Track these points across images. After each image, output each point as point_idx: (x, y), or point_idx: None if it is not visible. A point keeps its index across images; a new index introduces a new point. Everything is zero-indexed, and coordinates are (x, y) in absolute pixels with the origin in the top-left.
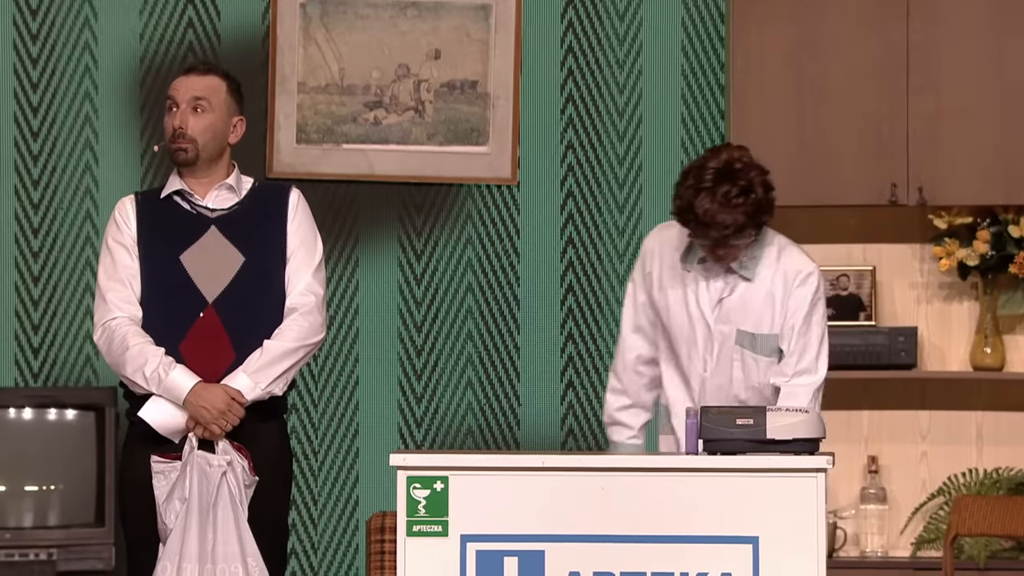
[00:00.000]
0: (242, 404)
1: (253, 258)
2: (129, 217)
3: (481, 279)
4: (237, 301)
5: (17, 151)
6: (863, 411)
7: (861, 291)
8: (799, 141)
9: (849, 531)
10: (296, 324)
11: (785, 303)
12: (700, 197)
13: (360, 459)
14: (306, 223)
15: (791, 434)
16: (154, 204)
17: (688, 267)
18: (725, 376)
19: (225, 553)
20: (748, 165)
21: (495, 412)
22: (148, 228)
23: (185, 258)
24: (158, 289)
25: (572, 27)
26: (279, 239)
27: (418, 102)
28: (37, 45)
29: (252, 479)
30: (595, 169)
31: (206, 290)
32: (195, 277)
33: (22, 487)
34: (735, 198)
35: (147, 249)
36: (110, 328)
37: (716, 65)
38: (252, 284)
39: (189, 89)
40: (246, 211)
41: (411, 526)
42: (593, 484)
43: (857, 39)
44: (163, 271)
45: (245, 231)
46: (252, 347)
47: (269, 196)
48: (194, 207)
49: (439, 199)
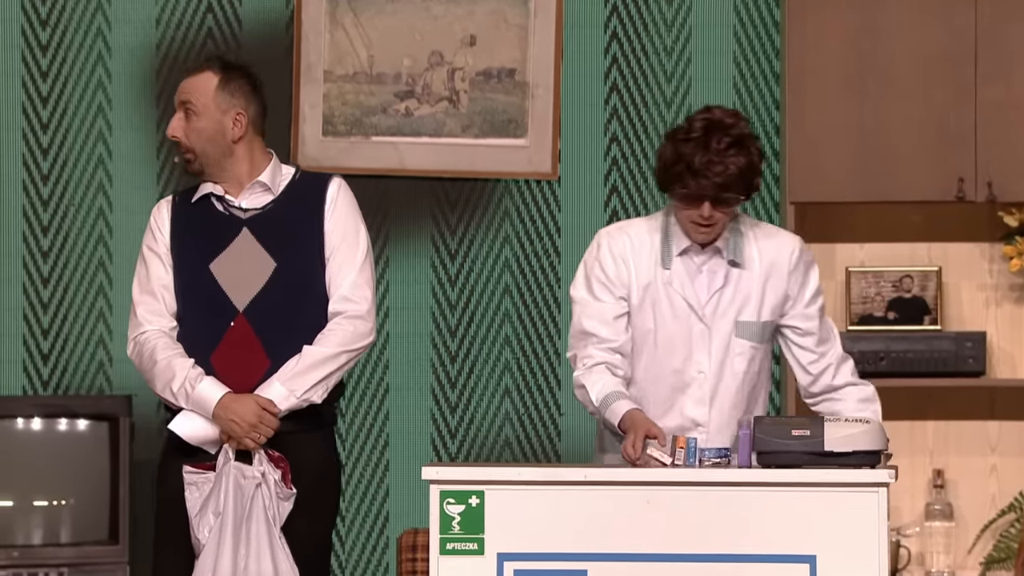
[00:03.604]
0: (275, 414)
1: (287, 261)
2: (163, 223)
3: (519, 280)
4: (270, 308)
5: (25, 144)
6: (928, 421)
7: (926, 293)
8: (859, 133)
9: (913, 550)
10: (340, 328)
11: (784, 288)
12: (689, 146)
13: (390, 472)
14: (348, 216)
15: (851, 446)
16: (188, 207)
17: (667, 265)
18: (726, 374)
19: (258, 571)
20: (738, 121)
21: (534, 422)
22: (181, 234)
23: (215, 266)
24: (190, 299)
25: (616, 11)
26: (316, 237)
27: (452, 92)
28: (47, 31)
29: (289, 492)
30: (640, 163)
31: (236, 298)
32: (225, 285)
33: (31, 502)
34: (727, 148)
35: (179, 258)
36: (139, 343)
37: (770, 52)
38: (286, 289)
39: (180, 92)
40: (281, 209)
41: (444, 544)
42: (638, 499)
43: (921, 24)
44: (194, 280)
45: (279, 232)
46: (288, 355)
47: (307, 190)
48: (227, 208)
49: (474, 195)
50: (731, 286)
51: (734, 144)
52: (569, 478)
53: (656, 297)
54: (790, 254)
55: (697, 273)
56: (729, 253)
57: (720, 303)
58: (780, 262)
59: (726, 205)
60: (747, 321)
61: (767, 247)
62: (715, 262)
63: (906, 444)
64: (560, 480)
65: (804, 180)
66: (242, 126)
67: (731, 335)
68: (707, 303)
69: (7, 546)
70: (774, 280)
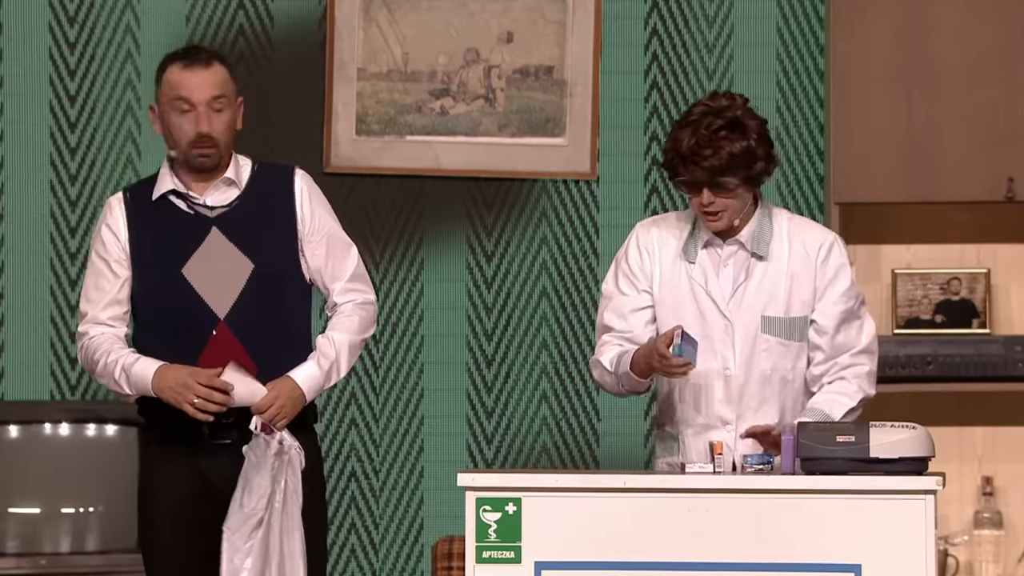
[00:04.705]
0: (219, 386)
1: (263, 260)
2: (118, 226)
3: (557, 283)
4: (252, 312)
5: (54, 144)
6: (976, 427)
7: (974, 296)
8: (906, 131)
9: (961, 559)
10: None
11: (812, 282)
12: (684, 132)
13: (425, 479)
14: (323, 206)
15: (897, 452)
16: (146, 205)
17: (692, 258)
18: (754, 371)
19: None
20: (742, 107)
21: (572, 428)
22: (142, 236)
23: (188, 271)
24: (161, 307)
25: (657, 7)
26: (289, 232)
27: (488, 90)
28: (75, 28)
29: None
30: None
31: (215, 305)
32: (202, 291)
33: (58, 509)
34: (719, 131)
35: (142, 263)
36: (86, 347)
37: (815, 47)
38: (265, 290)
39: (205, 88)
40: (249, 205)
41: (480, 552)
42: (679, 507)
43: (970, 19)
44: (164, 287)
45: (250, 229)
46: (274, 360)
47: (271, 183)
48: (191, 206)
49: (511, 195)
50: (754, 280)
51: (727, 127)
52: (608, 485)
53: (679, 290)
54: (819, 247)
55: (722, 267)
56: (752, 245)
57: (744, 297)
58: (809, 255)
59: (725, 191)
60: (774, 316)
61: (798, 241)
62: (740, 255)
63: (954, 450)
64: (599, 487)
65: (849, 180)
66: (240, 115)
67: (757, 331)
68: (731, 297)
69: (34, 554)
70: (803, 274)
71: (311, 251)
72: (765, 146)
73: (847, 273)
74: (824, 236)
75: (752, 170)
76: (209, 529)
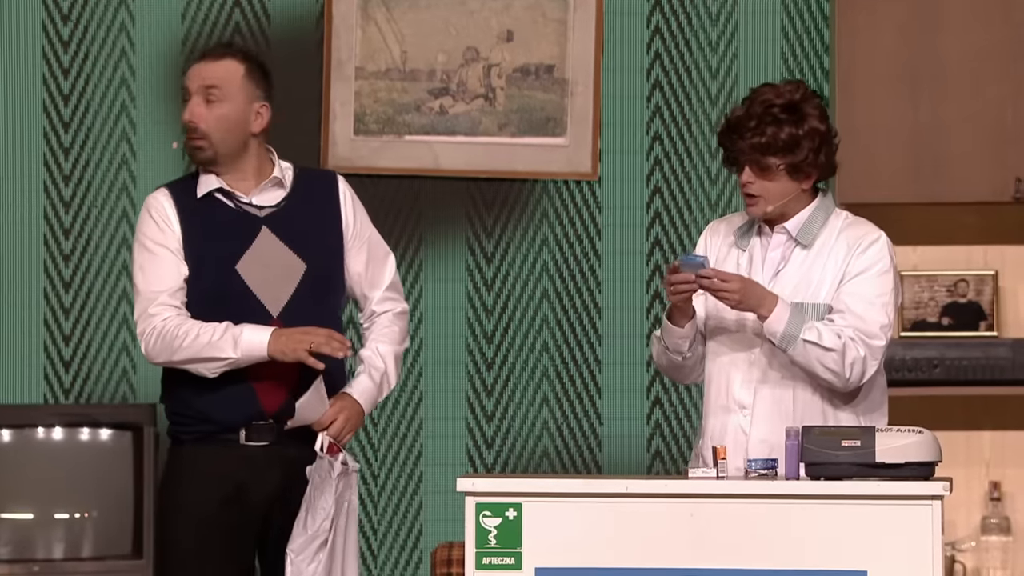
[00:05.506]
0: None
1: (313, 261)
2: (169, 217)
3: (558, 284)
4: (303, 312)
5: (47, 143)
6: (984, 432)
7: (981, 298)
8: (912, 131)
9: (968, 565)
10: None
11: (843, 270)
12: (739, 108)
13: (424, 484)
14: (364, 213)
15: (903, 457)
16: (192, 202)
17: (743, 246)
18: (779, 355)
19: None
20: (808, 99)
21: (573, 432)
22: (192, 232)
23: (242, 267)
24: (214, 303)
25: (659, 4)
26: (335, 235)
27: (488, 89)
28: (69, 26)
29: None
30: (684, 163)
31: (269, 303)
32: (256, 289)
33: (52, 515)
34: (772, 109)
35: (196, 258)
36: (158, 329)
37: (819, 47)
38: (314, 290)
39: (201, 77)
40: (296, 206)
41: (480, 558)
42: (682, 512)
43: (977, 17)
44: (219, 284)
45: (300, 231)
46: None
47: (315, 186)
48: (238, 205)
49: (511, 196)
50: (793, 266)
51: (782, 109)
52: (610, 490)
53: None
54: (860, 240)
55: (768, 253)
56: (797, 234)
57: (781, 284)
58: (851, 248)
59: (765, 172)
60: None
61: (846, 235)
62: (788, 244)
63: (962, 455)
64: (601, 492)
65: (854, 180)
66: (264, 119)
67: None
68: (770, 283)
69: (27, 560)
70: (839, 264)
71: (353, 256)
72: (818, 142)
73: (881, 270)
74: (871, 231)
75: (796, 157)
76: (235, 536)
